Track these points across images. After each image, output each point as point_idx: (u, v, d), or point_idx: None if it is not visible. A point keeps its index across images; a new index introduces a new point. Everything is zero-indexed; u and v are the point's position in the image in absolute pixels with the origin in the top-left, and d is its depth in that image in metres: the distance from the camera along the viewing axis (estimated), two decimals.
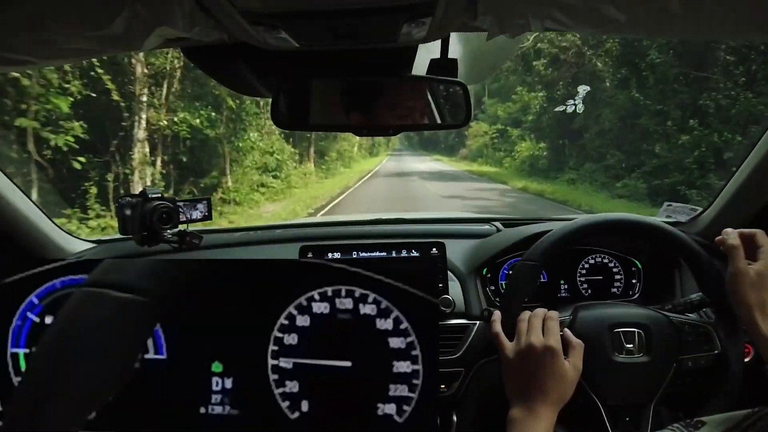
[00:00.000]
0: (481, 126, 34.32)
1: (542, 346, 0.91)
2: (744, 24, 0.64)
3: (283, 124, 0.95)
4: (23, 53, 0.67)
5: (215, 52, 0.85)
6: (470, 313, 1.24)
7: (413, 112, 1.01)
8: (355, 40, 0.73)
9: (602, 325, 1.03)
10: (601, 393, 0.99)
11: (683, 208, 1.58)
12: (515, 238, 1.34)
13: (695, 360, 1.02)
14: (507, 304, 1.04)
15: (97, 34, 0.62)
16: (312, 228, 1.76)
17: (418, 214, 1.97)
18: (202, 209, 1.49)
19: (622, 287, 1.44)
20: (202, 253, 1.49)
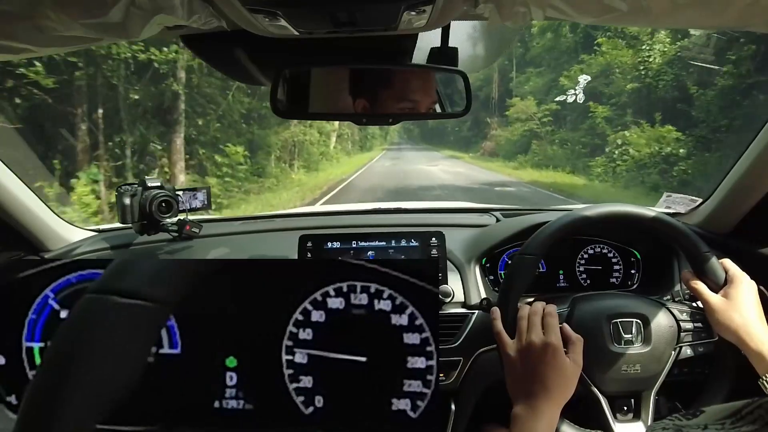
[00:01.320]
0: (525, 104, 23.57)
1: (543, 343, 0.91)
2: (745, 14, 0.64)
3: (282, 112, 0.94)
4: (21, 41, 0.67)
5: (214, 40, 0.84)
6: (469, 303, 1.24)
7: (413, 101, 1.01)
8: (355, 28, 0.73)
9: (600, 316, 1.03)
10: (601, 383, 1.00)
11: (683, 199, 1.58)
12: (514, 228, 1.34)
13: (694, 348, 1.03)
14: (505, 299, 1.05)
15: (95, 21, 0.62)
16: (311, 217, 1.76)
17: (418, 204, 1.96)
18: (202, 198, 1.49)
19: (620, 277, 1.44)
20: (202, 242, 1.49)
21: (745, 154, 1.22)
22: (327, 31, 0.75)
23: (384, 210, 1.77)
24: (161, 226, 1.37)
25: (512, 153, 24.33)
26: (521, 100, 24.43)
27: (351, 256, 1.24)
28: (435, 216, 1.75)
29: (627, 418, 1.01)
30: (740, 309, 0.96)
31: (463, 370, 1.18)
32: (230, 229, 1.62)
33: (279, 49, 0.83)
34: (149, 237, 1.41)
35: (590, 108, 16.88)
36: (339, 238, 1.26)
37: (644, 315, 1.03)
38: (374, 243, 1.25)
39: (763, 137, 1.16)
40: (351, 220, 1.64)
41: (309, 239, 1.25)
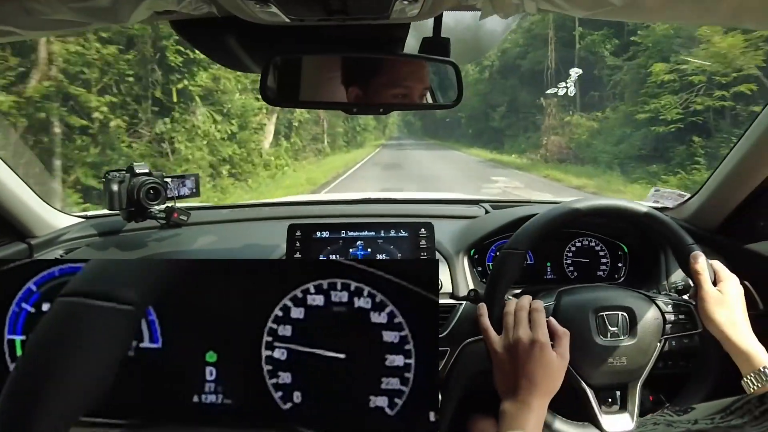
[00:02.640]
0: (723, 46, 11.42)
1: (530, 339, 0.92)
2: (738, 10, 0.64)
3: (271, 100, 0.94)
4: (7, 24, 0.66)
5: (204, 26, 0.83)
6: (457, 294, 1.25)
7: (405, 87, 1.01)
8: (347, 16, 0.72)
9: (586, 309, 1.04)
10: (587, 376, 1.01)
11: (671, 194, 1.59)
12: (503, 220, 1.35)
13: (679, 340, 1.04)
14: (491, 295, 1.05)
15: (83, 5, 0.61)
16: (301, 206, 1.75)
17: (408, 194, 1.97)
18: (190, 186, 1.48)
19: (608, 270, 1.45)
20: (190, 230, 1.48)
21: (733, 151, 1.23)
22: (318, 19, 0.74)
23: (374, 200, 1.77)
24: (149, 213, 1.35)
25: (623, 156, 14.95)
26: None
27: (340, 245, 1.24)
28: (425, 206, 1.75)
29: (613, 410, 1.02)
30: (729, 306, 0.97)
31: (449, 360, 1.19)
32: (218, 216, 1.62)
33: (270, 37, 0.82)
34: (137, 224, 1.40)
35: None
36: (328, 228, 1.26)
37: (630, 308, 1.04)
38: (363, 233, 1.25)
39: (750, 134, 1.17)
40: (340, 210, 1.64)
41: (298, 228, 1.25)
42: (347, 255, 1.23)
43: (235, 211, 1.69)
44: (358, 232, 1.25)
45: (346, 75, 0.99)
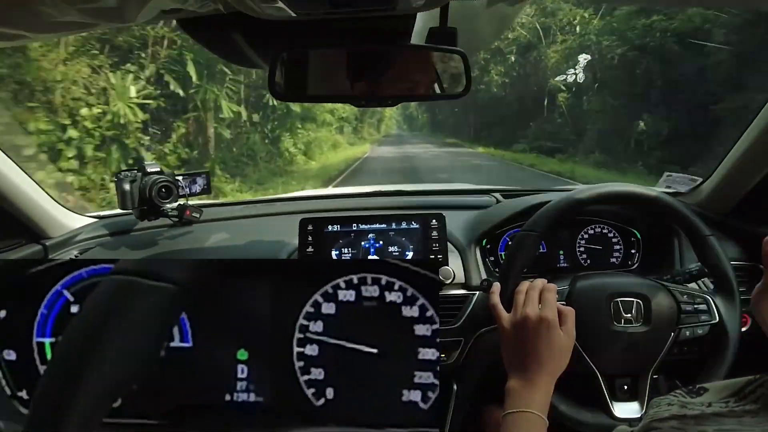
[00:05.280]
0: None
1: (537, 317, 0.92)
2: None
3: (280, 95, 0.94)
4: (17, 27, 0.66)
5: (211, 24, 0.83)
6: (470, 284, 1.25)
7: (412, 80, 1.00)
8: (353, 9, 0.72)
9: (601, 295, 1.04)
10: (599, 362, 1.01)
11: (683, 179, 1.58)
12: (515, 208, 1.34)
13: (693, 330, 1.03)
14: (506, 275, 1.05)
15: (90, 6, 0.61)
16: (312, 201, 1.76)
17: (418, 186, 1.96)
18: (202, 183, 1.48)
19: (621, 257, 1.44)
20: (203, 227, 1.49)
21: (745, 134, 1.22)
22: (325, 12, 0.74)
23: (384, 192, 1.76)
24: (161, 211, 1.36)
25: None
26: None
27: (352, 238, 1.24)
28: (435, 198, 1.74)
29: (625, 398, 1.02)
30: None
31: (464, 350, 1.19)
32: (230, 213, 1.62)
33: (276, 32, 0.82)
34: (149, 222, 1.41)
35: None
36: (339, 221, 1.26)
37: (645, 295, 1.04)
38: (375, 225, 1.25)
39: (762, 117, 1.15)
40: (351, 203, 1.64)
41: (309, 222, 1.25)
42: (359, 248, 1.24)
43: (247, 207, 1.70)
44: (370, 225, 1.25)
45: (353, 68, 0.98)
